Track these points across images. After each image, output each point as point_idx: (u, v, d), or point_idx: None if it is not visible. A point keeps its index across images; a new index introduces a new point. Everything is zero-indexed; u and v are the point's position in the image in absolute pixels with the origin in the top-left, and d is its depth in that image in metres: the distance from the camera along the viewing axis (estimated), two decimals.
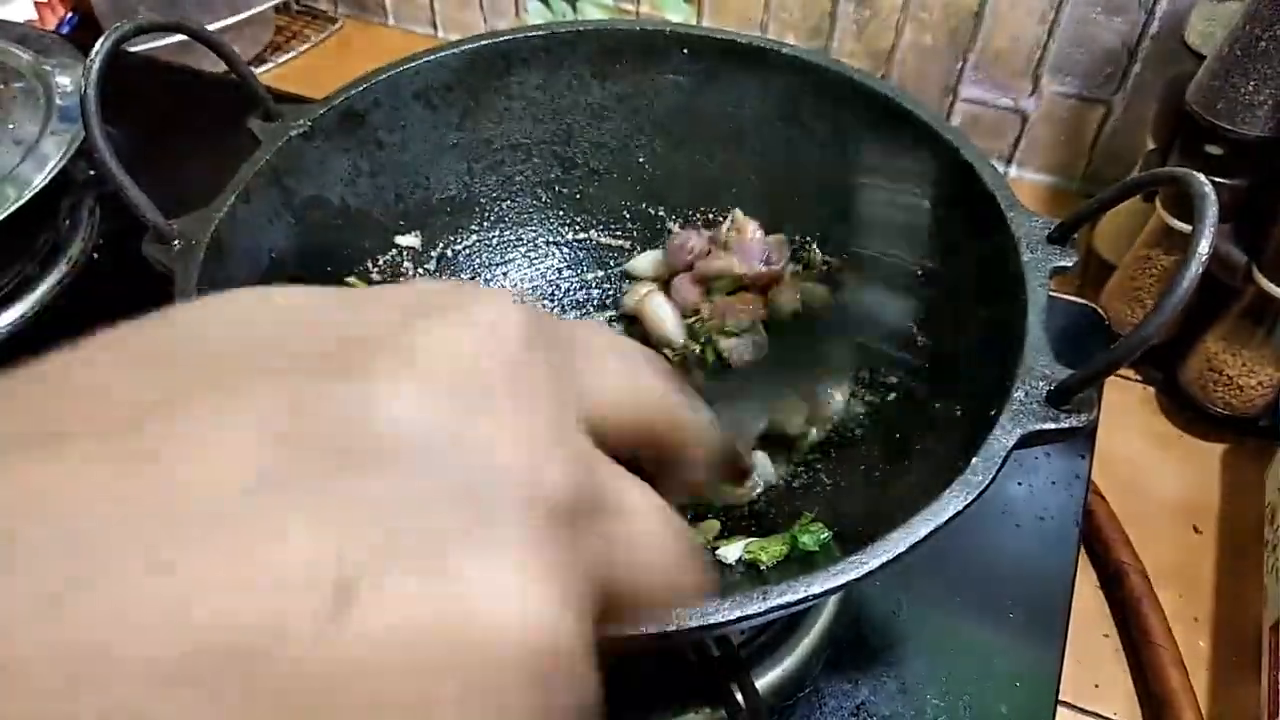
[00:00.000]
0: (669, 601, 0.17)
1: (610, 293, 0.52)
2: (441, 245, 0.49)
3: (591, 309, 0.51)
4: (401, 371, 0.13)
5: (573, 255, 0.52)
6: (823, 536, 0.38)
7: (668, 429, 0.18)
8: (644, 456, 0.18)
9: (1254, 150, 0.52)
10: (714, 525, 0.39)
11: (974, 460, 0.30)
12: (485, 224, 0.50)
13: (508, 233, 0.51)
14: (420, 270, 0.48)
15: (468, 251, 0.50)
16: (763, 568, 0.38)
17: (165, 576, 0.11)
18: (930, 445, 0.37)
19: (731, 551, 0.38)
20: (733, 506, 0.42)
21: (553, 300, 0.51)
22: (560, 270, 0.52)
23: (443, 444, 0.13)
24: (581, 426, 0.16)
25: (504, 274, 0.51)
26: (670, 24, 0.47)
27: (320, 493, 0.12)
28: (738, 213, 0.48)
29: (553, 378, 0.15)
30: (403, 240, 0.48)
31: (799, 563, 0.38)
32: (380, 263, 0.47)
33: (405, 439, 0.13)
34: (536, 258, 0.52)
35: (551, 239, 0.52)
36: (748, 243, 0.46)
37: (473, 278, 0.50)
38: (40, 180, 0.55)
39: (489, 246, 0.51)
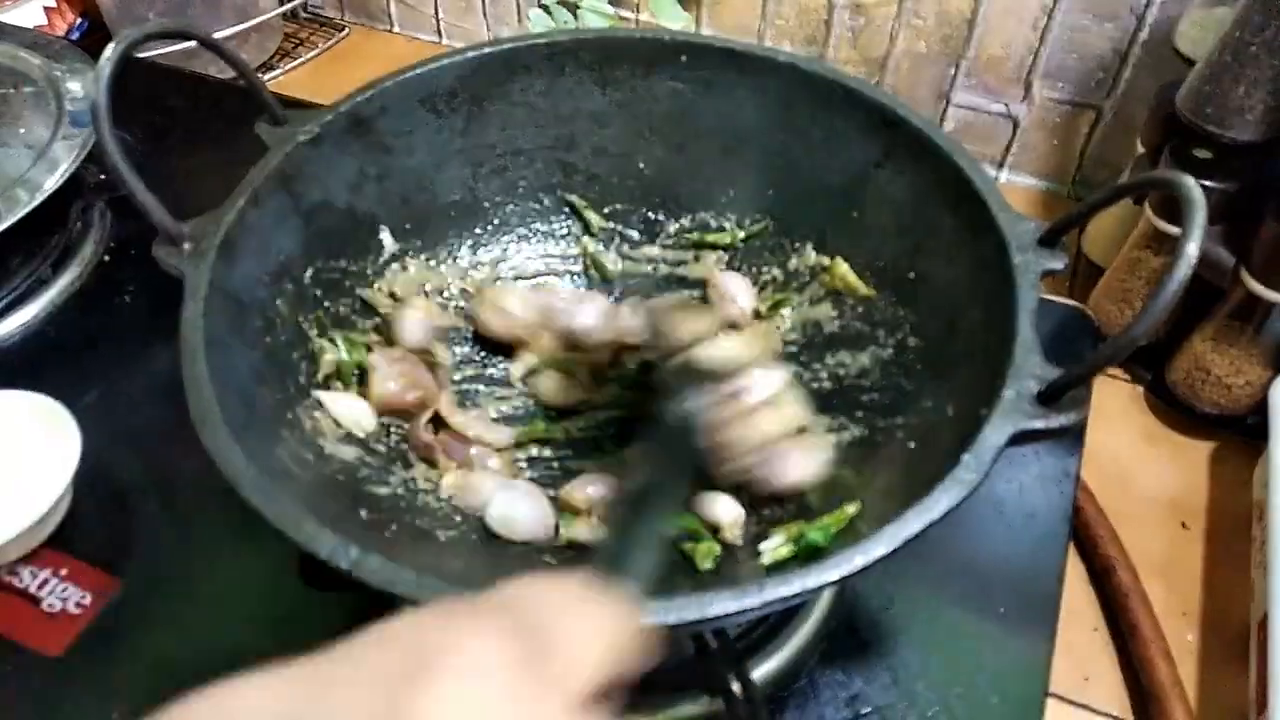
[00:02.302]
0: None
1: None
2: (445, 248, 0.50)
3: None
4: None
5: (573, 257, 0.53)
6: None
7: (625, 668, 0.20)
8: None
9: (1243, 154, 0.53)
10: (714, 547, 0.40)
11: (965, 458, 0.31)
12: (489, 227, 0.51)
13: (510, 235, 0.52)
14: (416, 265, 0.49)
15: (471, 254, 0.51)
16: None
17: None
18: (922, 443, 0.38)
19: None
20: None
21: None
22: (561, 272, 0.53)
23: None
24: (581, 705, 0.17)
25: (506, 274, 0.52)
26: (669, 32, 0.48)
27: None
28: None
29: (549, 685, 0.16)
30: (407, 243, 0.49)
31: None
32: (385, 266, 0.48)
33: None
34: (538, 260, 0.52)
35: (553, 241, 0.53)
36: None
37: (474, 277, 0.51)
38: (52, 184, 0.56)
39: (492, 249, 0.52)
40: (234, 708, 0.15)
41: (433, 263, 0.50)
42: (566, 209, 0.52)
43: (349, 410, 0.42)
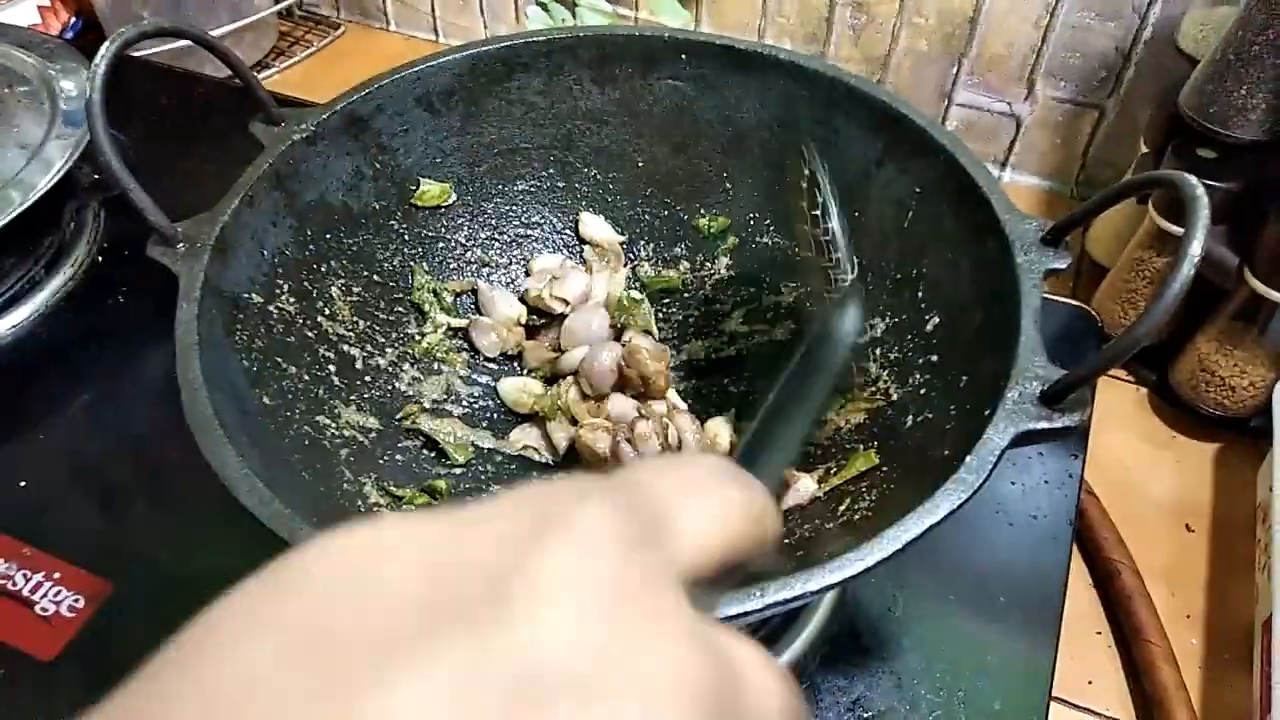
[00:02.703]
0: None
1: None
2: (442, 248, 0.50)
3: None
4: (535, 612, 0.14)
5: (572, 257, 0.52)
6: None
7: (750, 549, 0.20)
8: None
9: (1246, 153, 0.52)
10: None
11: (968, 459, 0.30)
12: (486, 227, 0.51)
13: (507, 235, 0.52)
14: (416, 268, 0.49)
15: (467, 255, 0.51)
16: None
17: None
18: (925, 444, 0.38)
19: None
20: None
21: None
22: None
23: (597, 673, 0.14)
24: (685, 588, 0.17)
25: (503, 276, 0.52)
26: (669, 30, 0.48)
27: None
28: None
29: (657, 567, 0.17)
30: (403, 245, 0.48)
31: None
32: (382, 266, 0.47)
33: (559, 678, 0.14)
34: (536, 260, 0.52)
35: (551, 242, 0.52)
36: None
37: (470, 279, 0.51)
38: (45, 184, 0.55)
39: (489, 250, 0.51)
40: (381, 542, 0.16)
41: (429, 261, 0.49)
42: (563, 208, 0.52)
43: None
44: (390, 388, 0.45)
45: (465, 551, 0.16)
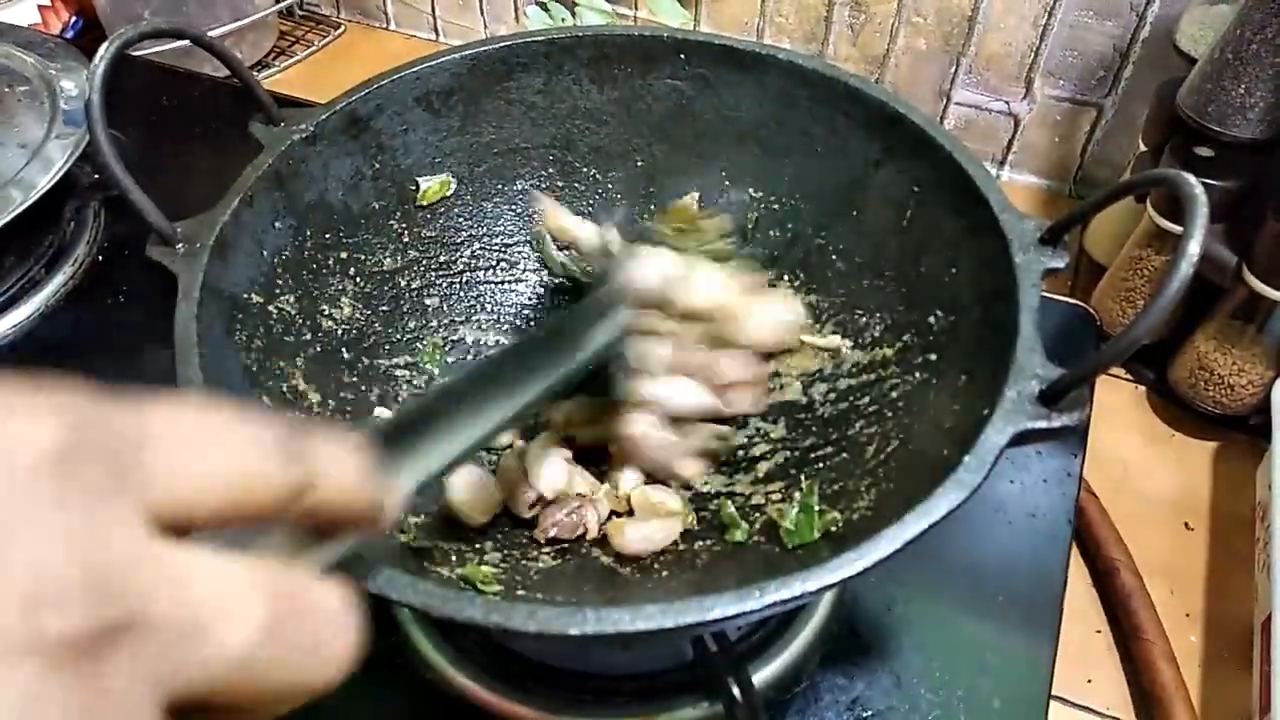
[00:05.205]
0: (274, 685, 0.16)
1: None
2: (440, 249, 0.50)
3: None
4: None
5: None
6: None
7: (270, 498, 0.18)
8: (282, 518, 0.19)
9: (1244, 152, 0.52)
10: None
11: (966, 459, 0.30)
12: (485, 227, 0.51)
13: (507, 236, 0.52)
14: (418, 272, 0.49)
15: (467, 255, 0.51)
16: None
17: None
18: (924, 443, 0.38)
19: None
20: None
21: (550, 304, 0.52)
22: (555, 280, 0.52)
23: None
24: (142, 524, 0.15)
25: (503, 277, 0.52)
26: (668, 30, 0.48)
27: None
28: None
29: (82, 490, 0.15)
30: (403, 245, 0.48)
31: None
32: (381, 266, 0.47)
33: None
34: (535, 261, 0.52)
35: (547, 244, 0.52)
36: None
37: (471, 281, 0.51)
38: (45, 183, 0.55)
39: (488, 250, 0.51)
40: None
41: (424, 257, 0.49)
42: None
43: None
44: (389, 388, 0.45)
45: None
